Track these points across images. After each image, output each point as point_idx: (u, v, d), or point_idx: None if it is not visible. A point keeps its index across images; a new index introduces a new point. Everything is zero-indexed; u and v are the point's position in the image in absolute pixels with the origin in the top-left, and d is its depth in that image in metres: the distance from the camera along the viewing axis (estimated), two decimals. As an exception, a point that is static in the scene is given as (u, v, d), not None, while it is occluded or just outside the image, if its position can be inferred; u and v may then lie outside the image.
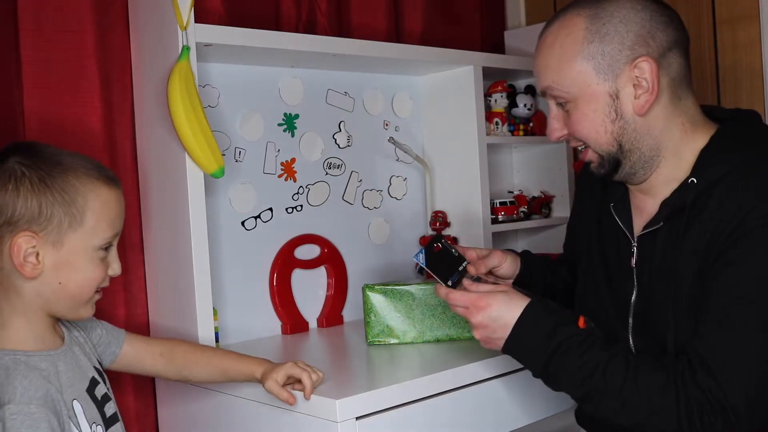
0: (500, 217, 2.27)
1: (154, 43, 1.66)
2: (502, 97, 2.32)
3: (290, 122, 1.97)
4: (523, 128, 2.37)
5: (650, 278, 1.32)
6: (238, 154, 1.87)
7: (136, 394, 1.75)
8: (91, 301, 1.21)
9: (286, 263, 1.94)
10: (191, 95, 1.55)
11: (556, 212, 2.45)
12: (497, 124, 2.29)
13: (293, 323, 1.93)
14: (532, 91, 2.43)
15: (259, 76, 1.91)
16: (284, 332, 1.92)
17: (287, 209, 1.96)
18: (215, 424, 1.57)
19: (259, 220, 1.91)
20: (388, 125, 2.19)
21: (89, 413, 1.18)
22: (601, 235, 1.46)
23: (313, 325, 1.99)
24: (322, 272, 2.03)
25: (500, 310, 1.32)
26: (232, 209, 1.86)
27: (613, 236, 1.42)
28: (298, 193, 1.98)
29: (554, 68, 1.32)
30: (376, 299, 1.68)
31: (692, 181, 1.27)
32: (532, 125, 2.40)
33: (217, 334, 1.66)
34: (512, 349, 1.33)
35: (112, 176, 1.21)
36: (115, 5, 1.72)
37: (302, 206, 1.99)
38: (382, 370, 1.55)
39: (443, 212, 2.19)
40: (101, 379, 1.25)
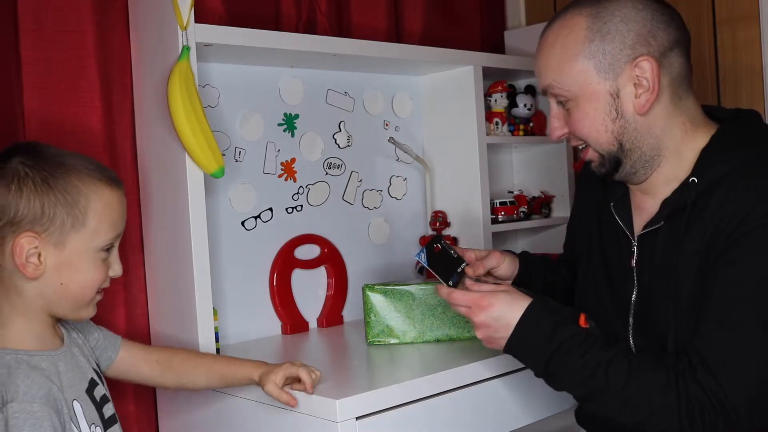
0: (500, 217, 2.27)
1: (154, 43, 1.66)
2: (502, 97, 2.32)
3: (290, 122, 1.97)
4: (523, 128, 2.36)
5: (650, 277, 1.33)
6: (238, 154, 1.87)
7: (135, 392, 1.74)
8: (92, 302, 1.21)
9: (286, 263, 1.94)
10: (191, 95, 1.55)
11: (556, 212, 2.45)
12: (497, 124, 2.29)
13: (293, 323, 1.93)
14: (532, 91, 2.43)
15: (259, 76, 1.91)
16: (284, 332, 1.92)
17: (287, 209, 1.96)
18: (215, 424, 1.57)
19: (259, 220, 1.91)
20: (388, 125, 2.18)
21: (88, 414, 1.18)
22: (601, 234, 1.46)
23: (313, 325, 1.99)
24: (322, 272, 2.02)
25: (502, 309, 1.33)
26: (232, 209, 1.86)
27: (613, 236, 1.42)
28: (298, 193, 1.98)
29: (555, 67, 1.32)
30: (376, 299, 1.68)
31: (693, 180, 1.27)
32: (532, 125, 2.40)
33: (217, 334, 1.66)
34: (514, 348, 1.33)
35: (114, 177, 1.22)
36: (115, 5, 1.72)
37: (302, 206, 1.99)
38: (382, 370, 1.55)
39: (443, 212, 2.19)
40: (100, 380, 1.25)
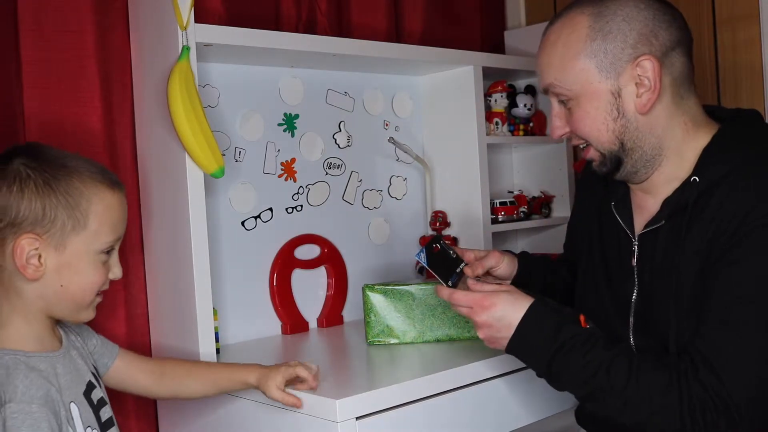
0: (500, 217, 2.27)
1: (154, 43, 1.66)
2: (502, 97, 2.32)
3: (290, 122, 1.97)
4: (523, 128, 2.36)
5: (651, 277, 1.32)
6: (238, 154, 1.87)
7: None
8: (92, 304, 1.21)
9: (286, 263, 1.94)
10: (191, 95, 1.55)
11: (556, 212, 2.45)
12: (497, 124, 2.29)
13: (293, 323, 1.93)
14: (532, 91, 2.43)
15: (259, 76, 1.91)
16: (284, 332, 1.92)
17: (287, 209, 1.96)
18: (215, 424, 1.57)
19: (259, 220, 1.91)
20: (388, 125, 2.18)
21: (85, 416, 1.17)
22: (601, 234, 1.46)
23: (313, 325, 1.99)
24: (322, 272, 2.02)
25: (504, 309, 1.32)
26: (232, 209, 1.86)
27: (613, 235, 1.42)
28: (298, 193, 1.98)
29: (557, 66, 1.32)
30: (376, 299, 1.68)
31: (695, 179, 1.27)
32: (532, 125, 2.40)
33: (216, 334, 1.66)
34: (516, 348, 1.33)
35: (115, 180, 1.22)
36: (115, 5, 1.72)
37: (302, 206, 1.99)
38: (382, 370, 1.55)
39: (443, 212, 2.19)
40: (97, 383, 1.25)
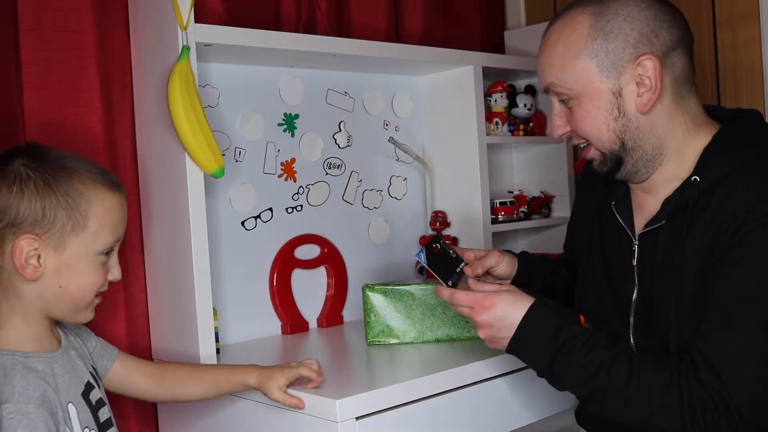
0: (500, 217, 2.26)
1: (154, 43, 1.66)
2: (502, 97, 2.31)
3: (290, 122, 1.97)
4: (523, 128, 2.36)
5: (651, 276, 1.32)
6: (238, 154, 1.87)
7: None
8: (91, 305, 1.21)
9: (286, 263, 1.94)
10: (191, 95, 1.54)
11: (556, 212, 2.45)
12: (497, 124, 2.29)
13: (293, 323, 1.93)
14: (532, 91, 2.43)
15: (259, 76, 1.91)
16: (284, 332, 1.92)
17: (287, 209, 1.96)
18: (215, 424, 1.57)
19: (259, 220, 1.91)
20: (388, 125, 2.18)
21: (83, 417, 1.17)
22: (602, 234, 1.46)
23: (313, 325, 1.99)
24: (322, 272, 2.02)
25: (505, 309, 1.32)
26: (232, 209, 1.86)
27: (614, 235, 1.42)
28: (298, 193, 1.98)
29: (558, 65, 1.32)
30: (376, 299, 1.68)
31: (695, 179, 1.27)
32: (532, 125, 2.40)
33: (216, 334, 1.66)
34: (517, 348, 1.33)
35: (115, 181, 1.22)
36: (115, 5, 1.72)
37: (302, 206, 1.99)
38: (382, 370, 1.55)
39: (443, 212, 2.19)
40: (96, 384, 1.24)
